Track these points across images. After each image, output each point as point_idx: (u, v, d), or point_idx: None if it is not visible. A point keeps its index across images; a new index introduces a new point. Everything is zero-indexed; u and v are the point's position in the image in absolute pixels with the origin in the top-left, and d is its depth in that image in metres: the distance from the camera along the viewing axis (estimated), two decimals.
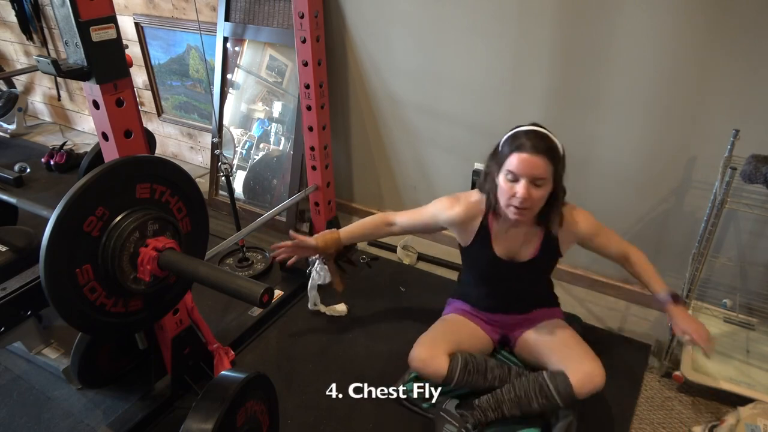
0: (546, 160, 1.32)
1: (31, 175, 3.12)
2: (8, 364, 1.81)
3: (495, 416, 1.49)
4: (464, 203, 1.54)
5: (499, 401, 1.49)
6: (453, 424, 1.50)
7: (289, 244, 1.68)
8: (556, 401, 1.43)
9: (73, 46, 1.15)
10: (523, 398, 1.46)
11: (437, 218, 1.59)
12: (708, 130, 1.66)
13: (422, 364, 1.53)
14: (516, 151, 1.34)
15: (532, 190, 1.34)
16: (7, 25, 3.57)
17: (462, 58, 1.99)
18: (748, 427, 1.38)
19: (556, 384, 1.43)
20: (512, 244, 1.53)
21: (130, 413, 1.59)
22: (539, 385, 1.45)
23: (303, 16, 1.88)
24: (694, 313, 1.81)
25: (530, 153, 1.32)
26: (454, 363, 1.51)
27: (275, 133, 2.49)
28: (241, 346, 1.87)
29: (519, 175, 1.34)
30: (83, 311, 1.16)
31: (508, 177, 1.36)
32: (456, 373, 1.50)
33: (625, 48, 1.68)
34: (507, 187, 1.37)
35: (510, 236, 1.53)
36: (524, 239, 1.52)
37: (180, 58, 2.84)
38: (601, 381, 1.42)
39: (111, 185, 1.14)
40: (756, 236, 1.74)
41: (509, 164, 1.35)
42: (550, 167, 1.34)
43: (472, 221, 1.54)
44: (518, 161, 1.33)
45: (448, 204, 1.57)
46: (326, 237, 1.69)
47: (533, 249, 1.53)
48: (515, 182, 1.35)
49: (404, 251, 2.35)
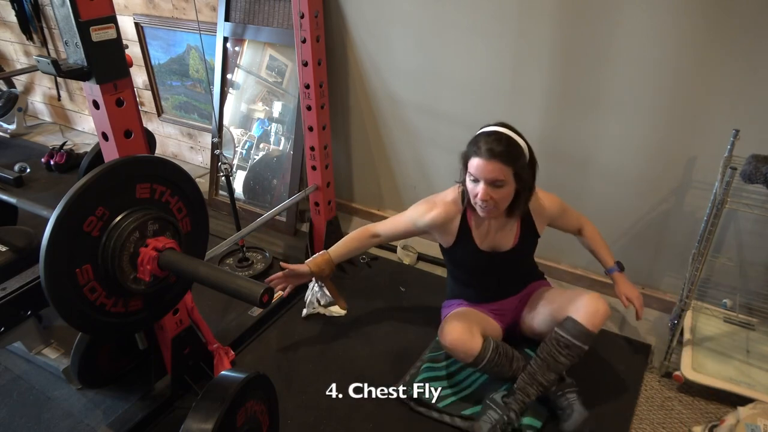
0: (501, 163, 1.38)
1: (31, 175, 3.12)
2: (8, 364, 1.81)
3: (535, 390, 1.51)
4: (441, 205, 1.59)
5: (532, 374, 1.51)
6: (496, 411, 1.51)
7: (281, 275, 1.70)
8: (575, 344, 1.46)
9: (73, 46, 1.15)
10: (549, 358, 1.49)
11: (416, 223, 1.64)
12: (708, 130, 1.66)
13: (459, 337, 1.52)
14: (473, 156, 1.42)
15: (492, 191, 1.41)
16: (7, 25, 3.57)
17: (462, 58, 1.99)
18: (748, 427, 1.38)
19: (568, 329, 1.47)
20: (492, 235, 1.60)
21: (130, 413, 1.59)
22: (555, 339, 1.49)
23: (303, 16, 1.88)
24: (694, 314, 1.81)
25: (485, 158, 1.38)
26: (487, 343, 1.53)
27: (275, 133, 2.49)
28: (241, 346, 1.87)
29: (478, 177, 1.42)
30: (83, 311, 1.16)
31: (470, 178, 1.45)
32: (488, 353, 1.52)
33: (626, 48, 1.68)
34: (471, 187, 1.46)
35: (489, 228, 1.59)
36: (502, 229, 1.59)
37: (180, 58, 2.84)
38: (605, 306, 1.48)
39: (111, 185, 1.14)
40: (756, 236, 1.74)
41: (470, 166, 1.44)
42: (507, 169, 1.39)
43: (452, 221, 1.59)
44: (475, 165, 1.41)
45: (426, 208, 1.61)
46: (318, 261, 1.71)
47: (513, 237, 1.60)
48: (476, 184, 1.43)
49: (404, 251, 2.35)
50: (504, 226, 1.59)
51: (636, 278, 2.03)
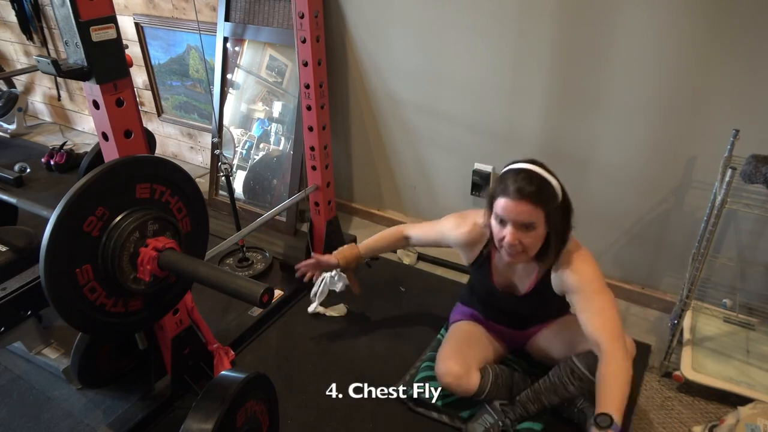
0: (532, 205, 1.25)
1: (31, 175, 3.12)
2: (8, 364, 1.81)
3: (536, 408, 1.49)
4: (470, 224, 1.52)
5: (537, 393, 1.49)
6: (492, 415, 1.51)
7: (311, 262, 1.76)
8: (591, 380, 1.37)
9: (73, 46, 1.15)
10: (558, 384, 1.45)
11: (445, 237, 1.60)
12: (708, 130, 1.66)
13: (456, 380, 1.49)
14: (501, 195, 1.29)
15: (521, 234, 1.29)
16: (7, 25, 3.57)
17: (462, 58, 1.99)
18: (748, 427, 1.38)
19: (586, 363, 1.39)
20: (510, 276, 1.52)
21: (130, 413, 1.58)
22: (570, 368, 1.43)
23: (303, 16, 1.88)
24: (694, 314, 1.81)
25: (514, 199, 1.26)
26: (485, 379, 1.50)
27: (275, 133, 2.49)
28: (241, 346, 1.87)
29: (505, 219, 1.30)
30: (83, 311, 1.16)
31: (496, 219, 1.33)
32: (487, 386, 1.50)
33: (626, 48, 1.68)
34: (497, 229, 1.34)
35: (508, 269, 1.51)
36: (522, 273, 1.50)
37: (180, 58, 2.84)
38: (632, 347, 1.41)
39: (111, 185, 1.14)
40: (756, 236, 1.74)
41: (497, 207, 1.31)
42: (538, 211, 1.26)
43: (476, 245, 1.53)
44: (503, 206, 1.28)
45: (455, 224, 1.56)
46: (346, 254, 1.74)
47: (529, 283, 1.49)
48: (504, 226, 1.31)
49: (404, 251, 2.35)
50: (524, 269, 1.48)
51: (636, 278, 2.03)
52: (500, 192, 1.29)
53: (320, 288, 1.95)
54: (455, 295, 1.88)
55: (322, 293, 1.96)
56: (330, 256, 1.74)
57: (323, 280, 1.94)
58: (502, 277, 1.53)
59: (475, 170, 2.17)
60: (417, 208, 2.48)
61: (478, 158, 2.15)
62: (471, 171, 2.18)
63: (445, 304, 1.97)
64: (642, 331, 1.91)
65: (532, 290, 1.49)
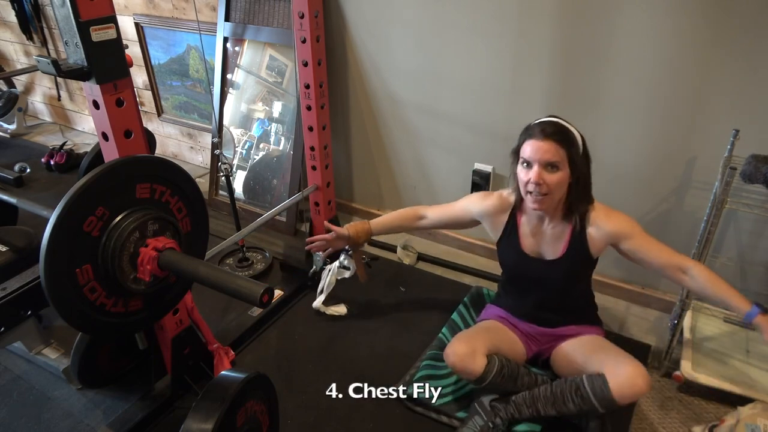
0: (556, 143, 1.34)
1: (31, 175, 3.12)
2: (8, 364, 1.81)
3: (530, 413, 1.47)
4: (496, 196, 1.59)
5: (534, 398, 1.47)
6: (482, 416, 1.49)
7: (324, 236, 1.76)
8: (591, 403, 1.37)
9: (73, 46, 1.15)
10: (558, 396, 1.43)
11: (469, 210, 1.64)
12: (708, 130, 1.66)
13: (460, 360, 1.47)
14: (527, 138, 1.39)
15: (545, 174, 1.36)
16: (7, 25, 3.57)
17: (462, 58, 1.99)
18: (748, 427, 1.38)
19: (593, 385, 1.37)
20: (539, 240, 1.53)
21: (130, 413, 1.59)
22: (576, 385, 1.41)
23: (303, 16, 1.88)
24: (694, 313, 1.81)
25: (539, 138, 1.35)
26: (491, 364, 1.47)
27: (275, 133, 2.49)
28: (241, 346, 1.87)
29: (531, 160, 1.37)
30: (83, 311, 1.16)
31: (523, 165, 1.41)
32: (491, 374, 1.47)
33: (625, 48, 1.68)
34: (523, 174, 1.41)
35: (537, 232, 1.53)
36: (552, 236, 1.51)
37: (180, 58, 2.84)
38: (645, 384, 1.33)
39: (111, 185, 1.14)
40: (756, 236, 1.74)
41: (522, 152, 1.40)
42: (562, 151, 1.35)
43: (502, 214, 1.58)
44: (529, 147, 1.37)
45: (481, 197, 1.62)
46: (357, 227, 1.75)
47: (561, 247, 1.50)
48: (530, 169, 1.38)
49: (404, 251, 2.35)
50: (554, 233, 1.50)
51: (636, 278, 2.03)
52: (525, 137, 1.40)
53: (327, 279, 1.94)
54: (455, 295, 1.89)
55: (329, 285, 1.95)
56: (341, 228, 1.75)
57: (330, 271, 1.93)
58: (531, 242, 1.54)
59: (475, 170, 2.17)
60: None
61: (478, 158, 2.15)
62: (471, 171, 2.18)
63: (445, 304, 1.97)
64: (642, 331, 1.91)
65: (564, 254, 1.50)
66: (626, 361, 1.38)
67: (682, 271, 1.42)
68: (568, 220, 1.48)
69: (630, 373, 1.34)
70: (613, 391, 1.34)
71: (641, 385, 1.33)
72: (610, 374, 1.36)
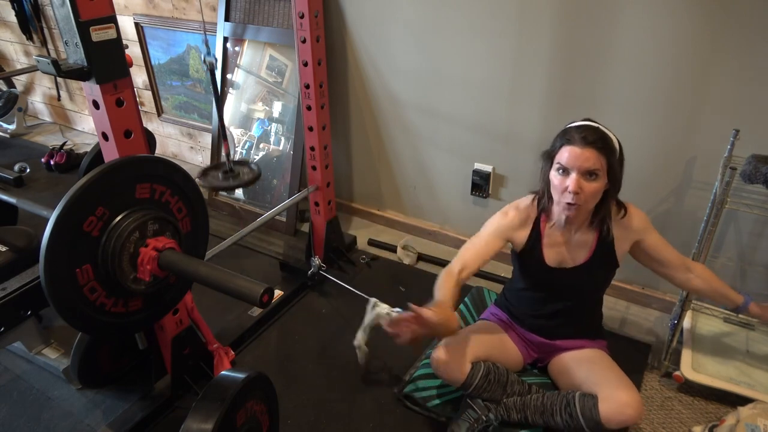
0: (597, 152, 1.28)
1: (31, 175, 3.12)
2: (8, 364, 1.81)
3: (518, 419, 1.47)
4: (515, 209, 1.50)
5: (525, 405, 1.46)
6: (475, 410, 1.47)
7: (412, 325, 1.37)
8: (579, 422, 1.36)
9: (73, 46, 1.15)
10: (547, 408, 1.42)
11: (503, 231, 1.49)
12: (708, 130, 1.66)
13: (442, 366, 1.46)
14: (566, 145, 1.31)
15: (584, 183, 1.30)
16: (7, 25, 3.57)
17: (462, 58, 1.99)
18: (748, 427, 1.38)
19: (583, 404, 1.36)
20: (564, 248, 1.47)
21: (130, 413, 1.59)
22: (566, 400, 1.40)
23: (303, 16, 1.88)
24: (693, 314, 1.81)
25: (580, 145, 1.28)
26: (475, 370, 1.45)
27: (275, 133, 2.49)
28: (241, 346, 1.87)
29: (569, 167, 1.30)
30: (83, 311, 1.16)
31: (559, 171, 1.33)
32: (475, 380, 1.45)
33: (625, 48, 1.68)
34: (558, 181, 1.33)
35: (562, 241, 1.47)
36: (577, 243, 1.46)
37: (180, 58, 2.84)
38: (635, 414, 1.32)
39: (111, 185, 1.14)
40: (756, 236, 1.74)
41: (560, 157, 1.32)
42: (602, 159, 1.29)
43: (525, 225, 1.49)
44: (568, 153, 1.30)
45: (501, 216, 1.51)
46: (447, 314, 1.37)
47: (586, 253, 1.46)
48: (566, 176, 1.32)
49: (404, 251, 2.35)
50: (579, 240, 1.45)
51: (636, 278, 2.03)
52: (564, 142, 1.32)
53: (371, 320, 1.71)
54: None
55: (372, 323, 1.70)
56: (430, 312, 1.36)
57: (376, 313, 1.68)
58: (555, 251, 1.48)
59: (475, 170, 2.17)
60: (417, 208, 2.48)
61: (478, 158, 2.15)
62: (471, 171, 2.18)
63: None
64: (642, 331, 1.91)
65: (589, 259, 1.46)
66: (621, 387, 1.37)
67: (689, 270, 1.49)
68: (595, 226, 1.43)
69: (622, 401, 1.33)
70: (601, 415, 1.33)
71: (631, 414, 1.32)
72: (602, 397, 1.35)
